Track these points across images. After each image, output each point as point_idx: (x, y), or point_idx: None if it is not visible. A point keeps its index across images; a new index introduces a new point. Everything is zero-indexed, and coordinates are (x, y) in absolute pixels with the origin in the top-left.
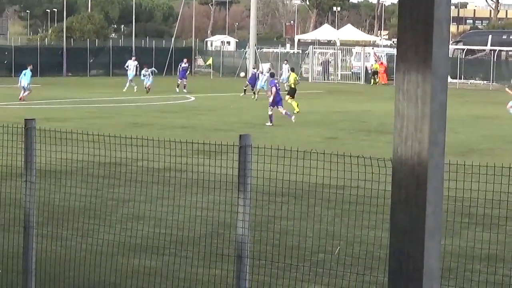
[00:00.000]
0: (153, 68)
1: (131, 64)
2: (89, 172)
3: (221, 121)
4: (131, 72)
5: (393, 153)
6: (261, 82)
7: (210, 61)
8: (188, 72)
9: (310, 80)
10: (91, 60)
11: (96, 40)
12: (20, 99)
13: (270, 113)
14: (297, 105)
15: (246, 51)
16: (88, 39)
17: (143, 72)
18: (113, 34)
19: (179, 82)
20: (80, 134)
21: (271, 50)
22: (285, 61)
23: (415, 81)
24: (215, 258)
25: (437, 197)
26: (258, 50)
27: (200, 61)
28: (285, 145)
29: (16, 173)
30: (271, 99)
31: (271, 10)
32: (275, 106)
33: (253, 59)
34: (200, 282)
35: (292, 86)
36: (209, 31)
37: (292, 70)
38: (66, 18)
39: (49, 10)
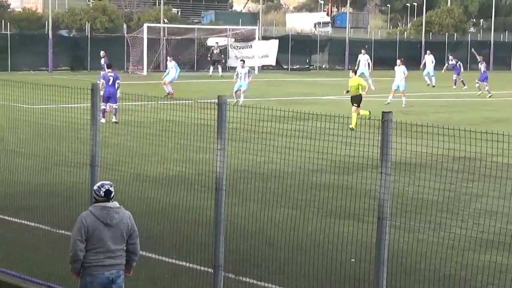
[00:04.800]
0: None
1: (398, 70)
2: (443, 166)
3: None
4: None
5: None
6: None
7: None
8: (461, 69)
9: None
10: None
11: (455, 34)
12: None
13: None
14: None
15: None
16: (446, 33)
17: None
18: (472, 29)
19: (455, 78)
20: (435, 127)
21: None
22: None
23: None
24: None
25: None
26: None
27: None
28: None
29: (371, 164)
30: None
31: None
32: None
33: None
34: None
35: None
36: None
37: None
38: (426, 12)
39: (409, 4)
